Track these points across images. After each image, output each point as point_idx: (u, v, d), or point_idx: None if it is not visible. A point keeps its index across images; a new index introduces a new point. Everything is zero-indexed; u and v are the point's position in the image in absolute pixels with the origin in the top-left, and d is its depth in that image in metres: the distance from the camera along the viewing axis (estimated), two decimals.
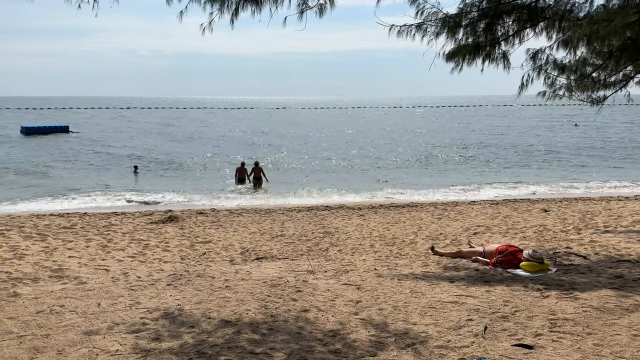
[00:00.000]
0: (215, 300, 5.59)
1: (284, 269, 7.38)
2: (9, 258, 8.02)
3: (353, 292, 5.92)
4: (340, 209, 15.06)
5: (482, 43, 8.08)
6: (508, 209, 14.13)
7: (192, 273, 7.08)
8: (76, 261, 8.11)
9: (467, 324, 4.77)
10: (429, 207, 15.06)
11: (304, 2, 6.50)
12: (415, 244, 10.10)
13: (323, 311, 5.20)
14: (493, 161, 29.00)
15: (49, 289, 6.12)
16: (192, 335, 4.49)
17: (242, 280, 6.54)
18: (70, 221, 12.23)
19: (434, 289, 6.05)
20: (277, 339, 4.41)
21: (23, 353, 4.11)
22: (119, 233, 10.94)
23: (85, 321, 4.84)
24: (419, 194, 19.07)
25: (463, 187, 20.59)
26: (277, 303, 5.50)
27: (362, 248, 9.94)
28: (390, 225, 12.16)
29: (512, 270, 7.08)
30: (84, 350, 4.14)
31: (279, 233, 11.50)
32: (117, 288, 6.15)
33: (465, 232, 10.96)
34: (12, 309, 5.26)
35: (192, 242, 10.47)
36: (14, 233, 10.14)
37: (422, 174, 24.80)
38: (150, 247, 9.79)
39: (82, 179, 22.93)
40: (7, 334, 4.52)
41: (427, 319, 4.93)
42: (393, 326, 4.74)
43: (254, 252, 9.66)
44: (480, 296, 5.68)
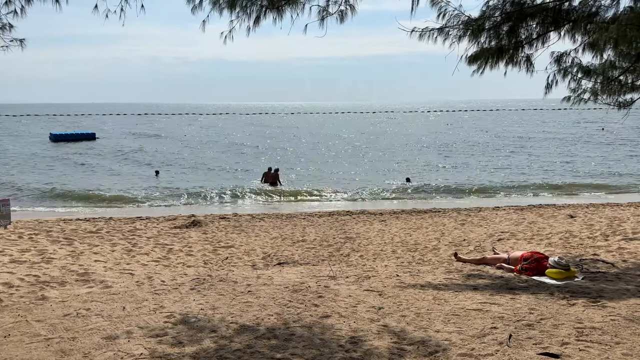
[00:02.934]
0: (237, 305, 5.62)
1: (306, 274, 7.38)
2: (37, 262, 8.21)
3: (375, 299, 5.89)
4: (361, 214, 15.02)
5: (505, 46, 8.00)
6: (533, 214, 13.89)
7: (215, 277, 7.14)
8: (102, 265, 8.26)
9: (492, 332, 4.70)
10: (451, 212, 14.91)
11: (325, 9, 6.53)
12: (437, 250, 10.01)
13: (344, 317, 5.19)
14: (516, 165, 28.59)
15: (75, 293, 6.24)
16: (213, 340, 4.52)
17: (264, 285, 6.56)
18: (96, 226, 12.46)
19: (457, 296, 5.97)
20: (298, 345, 4.41)
21: (50, 355, 4.19)
22: (143, 237, 11.10)
23: (111, 325, 4.92)
24: (444, 200, 18.94)
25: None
26: (298, 308, 5.50)
27: (383, 254, 9.88)
28: (412, 231, 12.07)
29: (538, 277, 6.96)
30: (109, 353, 4.21)
31: (300, 238, 11.52)
32: (141, 292, 6.23)
33: (489, 238, 10.82)
34: (40, 312, 5.37)
35: (214, 246, 10.56)
36: (42, 237, 10.37)
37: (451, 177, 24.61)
38: (174, 252, 9.91)
39: (106, 183, 23.37)
40: (35, 337, 4.62)
41: (450, 327, 4.87)
42: (415, 333, 4.70)
43: (276, 257, 9.70)
44: (504, 304, 5.59)
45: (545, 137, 45.89)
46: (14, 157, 33.62)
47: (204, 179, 25.20)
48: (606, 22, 7.27)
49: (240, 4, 6.16)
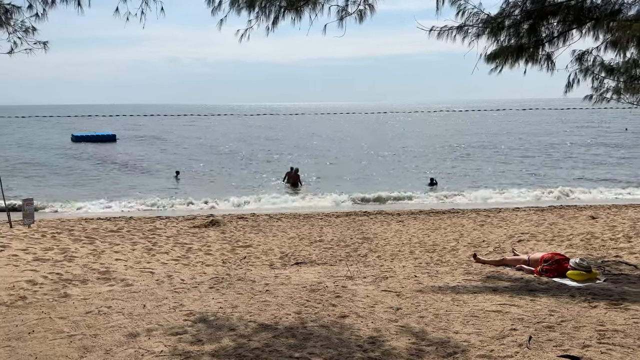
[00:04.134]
0: (255, 304, 5.66)
1: (323, 274, 7.39)
2: (59, 260, 8.36)
3: (393, 299, 5.88)
4: (379, 214, 14.98)
5: (525, 44, 7.91)
6: (554, 215, 13.70)
7: (233, 277, 7.19)
8: (122, 264, 8.38)
9: (511, 333, 4.66)
10: (470, 213, 14.78)
11: (344, 8, 6.54)
12: (456, 251, 9.93)
13: (362, 317, 5.18)
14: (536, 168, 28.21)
15: (97, 291, 6.34)
16: (232, 338, 4.56)
17: (282, 285, 6.59)
18: (117, 225, 12.64)
19: (476, 297, 5.93)
20: (316, 344, 4.42)
21: (73, 352, 4.27)
22: (163, 237, 11.23)
23: (131, 322, 4.99)
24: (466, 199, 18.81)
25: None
26: (316, 308, 5.51)
27: (401, 254, 9.85)
28: (430, 232, 12.00)
29: (558, 279, 6.87)
30: (130, 350, 4.27)
31: (317, 238, 11.54)
32: (161, 290, 6.31)
33: (509, 239, 10.70)
34: (63, 309, 5.48)
35: (233, 246, 10.64)
36: (64, 236, 10.56)
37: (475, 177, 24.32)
38: (193, 251, 10.01)
39: (126, 184, 23.70)
40: (58, 333, 4.71)
41: (469, 328, 4.83)
42: (434, 334, 4.67)
43: (293, 257, 9.73)
44: (524, 305, 5.53)
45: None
46: (38, 157, 34.27)
47: (222, 179, 25.39)
48: (629, 20, 7.15)
49: (259, 4, 6.20)
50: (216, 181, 24.71)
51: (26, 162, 31.73)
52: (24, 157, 34.36)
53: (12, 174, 25.57)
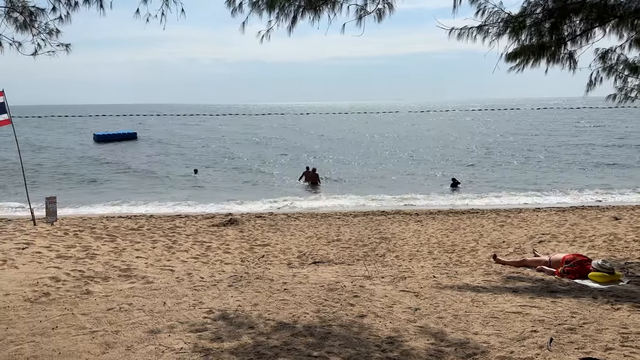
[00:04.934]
0: (273, 303, 5.68)
1: (341, 274, 7.40)
2: (81, 257, 8.51)
3: (411, 299, 5.85)
4: (396, 214, 14.91)
5: (547, 43, 7.81)
6: (576, 216, 13.49)
7: (252, 275, 7.24)
8: (143, 261, 8.49)
9: (532, 335, 4.61)
10: (490, 213, 14.63)
11: (362, 7, 6.53)
12: (476, 251, 9.85)
13: (380, 317, 5.17)
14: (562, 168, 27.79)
15: (118, 288, 6.44)
16: (251, 336, 4.59)
17: (300, 284, 6.61)
18: (138, 223, 12.81)
19: (496, 298, 5.87)
20: (334, 343, 4.43)
21: (95, 347, 4.35)
22: (182, 235, 11.35)
23: (152, 319, 5.06)
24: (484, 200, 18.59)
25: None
26: (334, 307, 5.52)
27: (419, 254, 9.80)
28: (449, 232, 11.92)
29: (580, 280, 6.76)
30: (151, 347, 4.33)
31: (335, 238, 11.54)
32: (181, 288, 6.38)
33: (529, 240, 10.57)
34: (85, 306, 5.57)
35: (251, 244, 10.71)
36: (86, 234, 10.74)
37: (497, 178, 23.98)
38: (212, 249, 10.10)
39: (147, 181, 24.00)
40: (80, 329, 4.80)
41: (489, 329, 4.79)
42: (453, 335, 4.65)
43: (311, 256, 9.75)
44: (545, 307, 5.46)
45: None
46: (61, 157, 34.89)
47: (241, 177, 25.55)
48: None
49: (279, 4, 6.23)
50: (235, 179, 24.88)
51: (51, 160, 32.33)
52: (48, 155, 35.02)
53: (37, 172, 26.09)
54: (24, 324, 4.95)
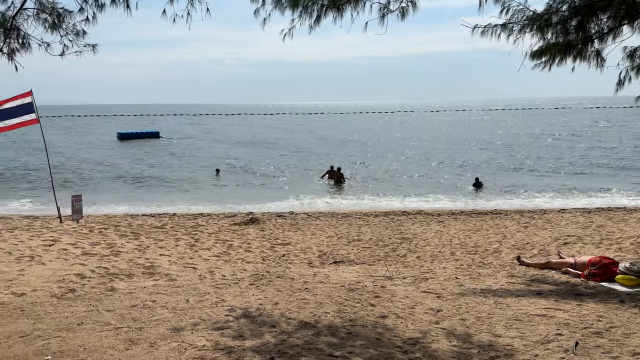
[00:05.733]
0: (294, 302, 5.70)
1: (362, 274, 7.38)
2: (106, 255, 8.66)
3: (433, 301, 5.80)
4: (418, 214, 14.81)
5: (573, 41, 7.66)
6: (602, 218, 13.20)
7: (273, 274, 7.27)
8: (166, 259, 8.60)
9: (556, 338, 4.52)
10: (514, 214, 14.42)
11: (386, 6, 6.49)
12: (499, 253, 9.72)
13: (402, 318, 5.14)
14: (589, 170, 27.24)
15: (142, 285, 6.53)
16: (273, 335, 4.61)
17: (320, 283, 6.62)
18: (161, 221, 12.98)
19: (520, 300, 5.79)
20: (355, 344, 4.42)
21: (119, 344, 4.41)
22: (205, 233, 11.46)
23: (175, 316, 5.12)
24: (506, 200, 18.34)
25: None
26: (355, 307, 5.50)
27: (441, 255, 9.71)
28: (472, 233, 11.78)
29: (607, 283, 6.62)
30: (174, 344, 4.38)
31: (355, 237, 11.51)
32: (203, 286, 6.44)
33: (554, 242, 10.39)
34: (110, 302, 5.67)
35: (272, 243, 10.75)
36: (111, 232, 10.92)
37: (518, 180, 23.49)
38: (233, 248, 10.17)
39: (170, 180, 24.29)
40: (105, 325, 4.88)
41: (513, 332, 4.72)
42: (476, 337, 4.59)
43: (332, 256, 9.75)
44: (570, 310, 5.36)
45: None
46: (87, 155, 35.56)
47: (262, 177, 25.67)
48: None
49: (303, 3, 6.23)
50: (256, 179, 25.01)
51: (77, 159, 32.97)
52: (74, 154, 35.72)
53: (65, 170, 26.63)
54: (51, 319, 5.06)
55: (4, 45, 6.20)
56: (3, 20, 6.08)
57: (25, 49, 6.40)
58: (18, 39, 6.30)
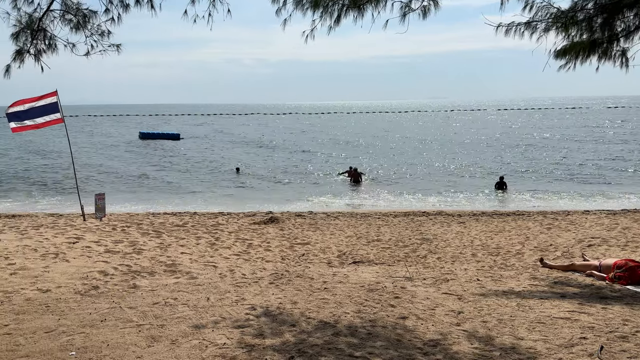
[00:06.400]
0: (314, 301, 5.70)
1: (381, 274, 7.34)
2: (129, 252, 8.77)
3: (454, 302, 5.75)
4: (438, 215, 14.68)
5: (598, 39, 7.51)
6: (628, 219, 12.91)
7: (292, 273, 7.28)
8: (188, 257, 8.68)
9: (581, 342, 4.44)
10: (536, 215, 14.20)
11: (407, 5, 6.44)
12: (521, 254, 9.58)
13: (422, 320, 5.10)
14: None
15: (163, 282, 6.60)
16: (293, 334, 4.61)
17: (340, 283, 6.61)
18: (182, 220, 13.11)
19: (543, 303, 5.69)
20: (375, 344, 4.40)
21: (141, 340, 4.47)
22: (225, 232, 11.54)
23: (196, 314, 5.17)
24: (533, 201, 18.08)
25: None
26: (374, 308, 5.48)
27: (462, 257, 9.61)
28: (493, 234, 11.64)
29: (633, 287, 6.48)
30: (195, 341, 4.42)
31: (375, 238, 11.47)
32: (224, 284, 6.49)
33: (578, 244, 10.20)
34: (132, 300, 5.74)
35: (291, 243, 10.77)
36: (133, 229, 11.06)
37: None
38: (253, 247, 10.22)
39: (191, 179, 24.54)
40: (128, 322, 4.94)
41: (536, 335, 4.65)
42: (498, 340, 4.53)
43: (351, 256, 9.73)
44: (595, 313, 5.26)
45: None
46: (109, 153, 36.14)
47: (281, 176, 25.75)
48: None
49: (324, 3, 6.22)
50: (275, 177, 25.11)
51: (100, 158, 33.53)
52: (97, 153, 36.33)
53: (88, 169, 27.10)
54: (75, 315, 5.15)
55: (31, 46, 6.33)
56: (30, 22, 6.20)
57: (52, 50, 6.52)
58: (44, 40, 6.41)
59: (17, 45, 6.31)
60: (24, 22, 6.23)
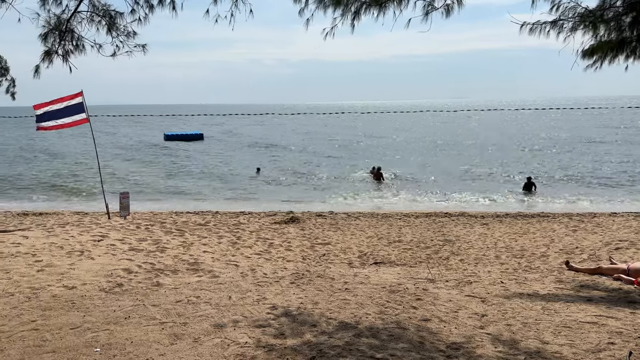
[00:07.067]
0: (335, 302, 5.68)
1: (403, 276, 7.29)
2: (152, 250, 8.88)
3: (477, 305, 5.67)
4: (461, 216, 14.51)
5: (627, 38, 7.32)
6: None
7: (313, 273, 7.27)
8: (210, 256, 8.75)
9: (608, 347, 4.33)
10: (562, 217, 13.92)
11: (430, 3, 6.37)
12: (546, 257, 9.41)
13: (445, 322, 5.04)
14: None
15: (186, 281, 6.67)
16: (313, 335, 4.60)
17: (361, 284, 6.58)
18: (205, 219, 13.22)
19: (569, 307, 5.58)
20: (397, 346, 4.36)
21: (164, 338, 4.51)
22: (246, 231, 11.60)
23: (218, 313, 5.20)
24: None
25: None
26: (396, 310, 5.44)
27: (486, 259, 9.49)
28: (517, 236, 11.45)
29: None
30: (217, 340, 4.44)
31: (396, 238, 11.39)
32: (245, 283, 6.52)
33: (605, 246, 9.97)
34: (155, 297, 5.81)
35: (312, 243, 10.77)
36: (157, 228, 11.20)
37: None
38: (274, 246, 10.25)
39: (212, 179, 24.76)
40: (151, 320, 5.00)
41: (562, 339, 4.55)
42: (523, 344, 4.45)
43: (372, 256, 9.68)
44: (623, 318, 5.13)
45: None
46: (136, 154, 36.68)
47: (302, 176, 25.79)
48: None
49: (344, 2, 6.20)
50: (296, 178, 25.15)
51: (125, 158, 34.06)
52: (122, 153, 36.91)
53: (111, 168, 27.55)
54: (100, 312, 5.23)
55: (59, 47, 6.45)
56: (58, 23, 6.32)
57: (79, 51, 6.63)
58: (72, 41, 6.53)
59: (45, 46, 6.44)
60: (53, 24, 6.35)
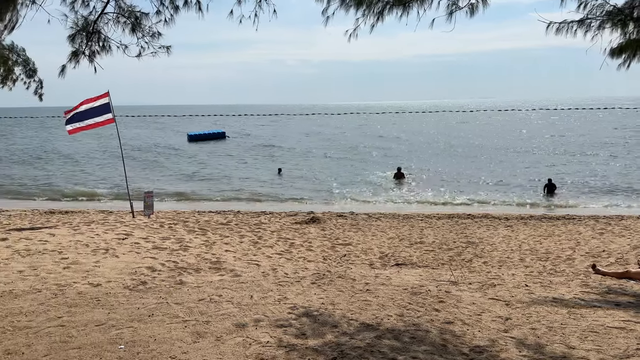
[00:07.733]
0: (356, 303, 5.66)
1: (425, 278, 7.23)
2: (175, 249, 8.99)
3: (501, 308, 5.58)
4: (484, 218, 14.33)
5: None
6: None
7: (334, 274, 7.26)
8: (232, 255, 8.81)
9: (637, 353, 4.23)
10: (588, 220, 13.65)
11: (454, 2, 6.29)
12: (572, 260, 9.23)
13: (468, 325, 4.98)
14: None
15: (209, 279, 6.72)
16: (334, 335, 4.59)
17: (382, 285, 6.54)
18: (226, 218, 13.33)
19: (595, 311, 5.46)
20: (419, 349, 4.32)
21: (187, 336, 4.55)
22: (267, 231, 11.65)
23: (240, 311, 5.22)
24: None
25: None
26: (418, 312, 5.39)
27: (510, 261, 9.35)
28: (542, 239, 11.26)
29: None
30: (239, 339, 4.46)
31: (418, 240, 11.31)
32: (267, 282, 6.54)
33: (633, 250, 9.74)
34: (178, 296, 5.87)
35: (332, 243, 10.76)
36: (180, 227, 11.33)
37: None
38: (295, 246, 10.27)
39: (233, 179, 24.95)
40: (174, 318, 5.05)
41: (588, 344, 4.45)
42: (548, 348, 4.36)
43: (393, 258, 9.62)
44: None
45: None
46: (160, 153, 37.17)
47: (322, 176, 25.79)
48: None
49: (367, 1, 6.17)
50: (316, 178, 25.17)
51: (150, 158, 34.55)
52: (148, 153, 37.44)
53: (138, 167, 27.98)
54: (124, 310, 5.30)
55: (85, 47, 6.56)
56: (85, 24, 6.43)
57: (106, 52, 6.73)
58: (99, 41, 6.63)
59: (72, 47, 6.55)
60: (80, 25, 6.45)
